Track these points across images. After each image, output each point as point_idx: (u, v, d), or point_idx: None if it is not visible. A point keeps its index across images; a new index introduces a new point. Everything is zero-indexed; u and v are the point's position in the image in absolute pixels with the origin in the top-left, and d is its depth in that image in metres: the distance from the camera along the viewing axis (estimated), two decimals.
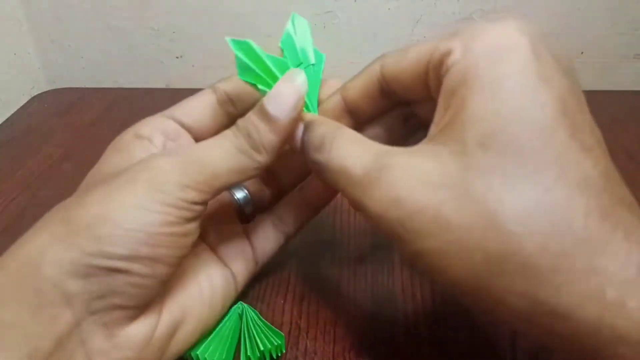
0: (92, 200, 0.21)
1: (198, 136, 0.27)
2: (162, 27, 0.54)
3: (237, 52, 0.24)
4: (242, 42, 0.24)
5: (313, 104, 0.26)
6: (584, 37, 0.54)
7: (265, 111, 0.23)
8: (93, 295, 0.20)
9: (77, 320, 0.20)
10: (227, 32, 0.53)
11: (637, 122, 0.49)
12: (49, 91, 0.57)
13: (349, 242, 0.34)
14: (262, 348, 0.25)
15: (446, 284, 0.19)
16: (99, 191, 0.22)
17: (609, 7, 0.52)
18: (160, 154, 0.23)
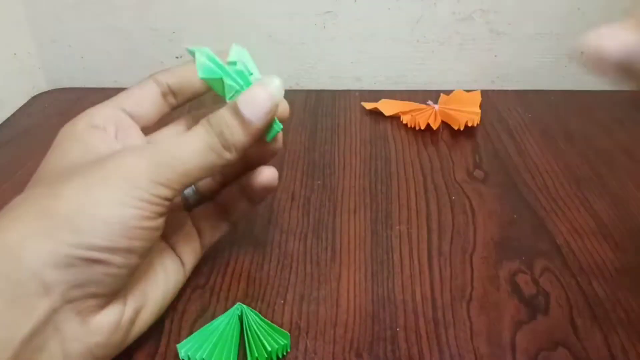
0: (68, 194, 0.22)
1: (143, 125, 0.28)
2: (162, 27, 0.54)
3: (197, 56, 0.25)
4: (202, 50, 0.26)
5: None
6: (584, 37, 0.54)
7: (239, 113, 0.24)
8: (70, 285, 0.21)
9: (54, 308, 0.21)
10: (227, 32, 0.54)
11: (637, 122, 0.49)
12: (49, 91, 0.57)
13: (348, 243, 0.34)
14: (270, 348, 0.25)
15: None
16: (75, 185, 0.22)
17: (609, 7, 0.52)
18: (132, 150, 0.24)
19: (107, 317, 0.23)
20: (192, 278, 0.31)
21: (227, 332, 0.26)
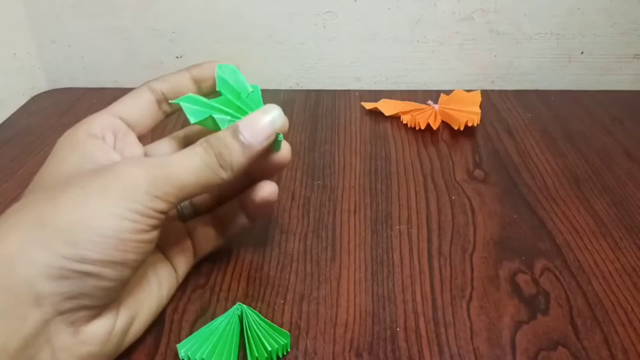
0: (66, 203, 0.22)
1: (139, 133, 0.28)
2: (162, 27, 0.54)
3: (184, 105, 0.27)
4: (185, 97, 0.27)
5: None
6: (584, 37, 0.54)
7: (239, 136, 0.25)
8: (63, 297, 0.21)
9: (45, 319, 0.21)
10: (228, 32, 0.54)
11: (637, 122, 0.49)
12: (48, 91, 0.57)
13: (348, 242, 0.34)
14: (270, 348, 0.25)
15: None
16: (72, 195, 0.22)
17: (609, 7, 0.52)
18: (131, 162, 0.24)
19: (100, 328, 0.23)
20: (192, 278, 0.31)
21: (227, 332, 0.26)
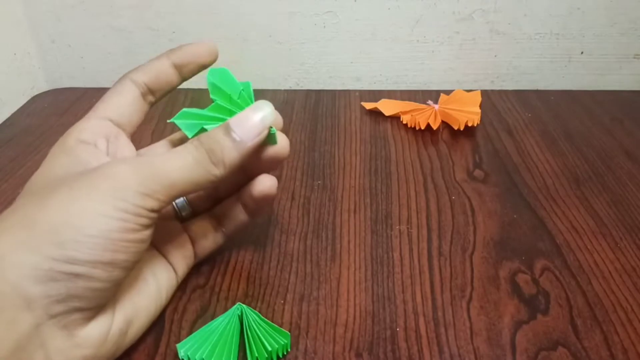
0: (54, 204, 0.22)
1: (129, 131, 0.29)
2: (162, 27, 0.54)
3: (179, 123, 0.27)
4: (180, 113, 0.27)
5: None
6: (584, 37, 0.54)
7: (231, 133, 0.25)
8: (53, 300, 0.21)
9: (37, 323, 0.21)
10: (227, 31, 0.54)
11: (637, 122, 0.49)
12: (48, 91, 0.57)
13: (348, 242, 0.34)
14: (270, 348, 0.25)
15: None
16: (60, 195, 0.22)
17: (609, 7, 0.52)
18: (120, 162, 0.24)
19: (95, 330, 0.23)
20: (192, 278, 0.31)
21: (227, 332, 0.26)
